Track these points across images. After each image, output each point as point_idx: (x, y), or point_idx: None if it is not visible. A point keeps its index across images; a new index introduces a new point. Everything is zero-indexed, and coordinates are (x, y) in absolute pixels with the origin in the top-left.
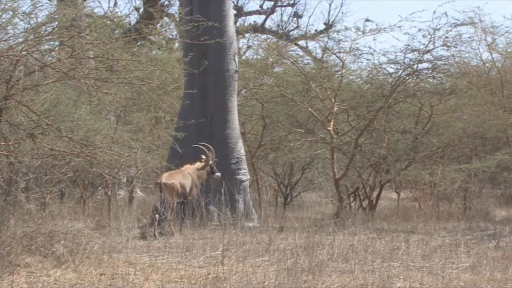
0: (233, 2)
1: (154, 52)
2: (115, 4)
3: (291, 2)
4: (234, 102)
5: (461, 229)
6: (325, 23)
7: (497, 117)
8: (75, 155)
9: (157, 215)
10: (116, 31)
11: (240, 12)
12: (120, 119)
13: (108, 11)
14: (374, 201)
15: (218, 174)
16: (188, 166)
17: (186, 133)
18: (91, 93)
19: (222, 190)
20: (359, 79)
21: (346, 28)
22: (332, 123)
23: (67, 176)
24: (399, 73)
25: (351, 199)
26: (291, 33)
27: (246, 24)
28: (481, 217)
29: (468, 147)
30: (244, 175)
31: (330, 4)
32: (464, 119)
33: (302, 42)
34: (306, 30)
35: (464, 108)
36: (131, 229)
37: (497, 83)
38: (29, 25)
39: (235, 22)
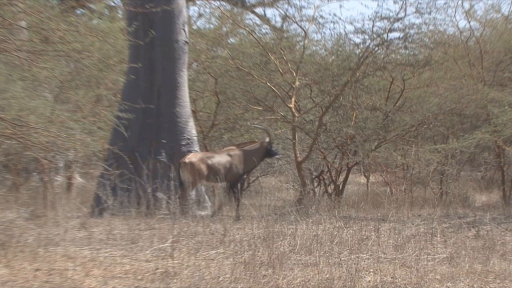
0: None
1: (94, 21)
2: None
3: None
4: (184, 77)
5: (437, 216)
6: None
7: (476, 92)
8: (7, 137)
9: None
10: None
11: None
12: (57, 97)
13: None
14: (340, 186)
15: (278, 156)
16: (231, 147)
17: (131, 112)
18: (24, 67)
19: (172, 175)
20: (323, 51)
21: None
22: (293, 100)
23: None
24: (368, 43)
25: (315, 184)
26: None
27: None
28: (459, 203)
29: (444, 125)
30: None
31: None
32: (440, 94)
33: (259, 10)
34: None
35: (440, 82)
36: (70, 219)
37: (476, 54)
38: None
39: None
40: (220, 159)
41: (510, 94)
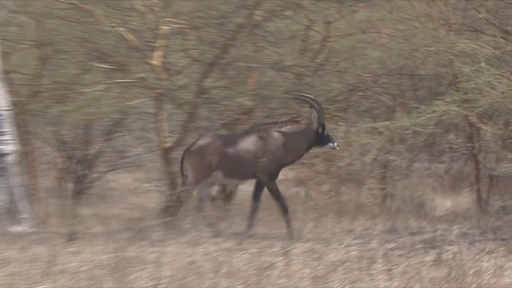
0: None
1: None
2: None
3: None
4: None
5: (378, 232)
6: None
7: (437, 41)
8: None
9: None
10: None
11: None
12: None
13: None
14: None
15: (333, 144)
16: (263, 127)
17: None
18: None
19: None
20: None
21: None
22: (158, 54)
23: None
24: None
25: None
26: None
27: None
28: (411, 210)
29: (389, 93)
30: (7, 144)
31: None
32: (383, 45)
33: None
34: None
35: (382, 26)
36: None
37: None
38: None
39: None
40: (247, 144)
41: (488, 45)
